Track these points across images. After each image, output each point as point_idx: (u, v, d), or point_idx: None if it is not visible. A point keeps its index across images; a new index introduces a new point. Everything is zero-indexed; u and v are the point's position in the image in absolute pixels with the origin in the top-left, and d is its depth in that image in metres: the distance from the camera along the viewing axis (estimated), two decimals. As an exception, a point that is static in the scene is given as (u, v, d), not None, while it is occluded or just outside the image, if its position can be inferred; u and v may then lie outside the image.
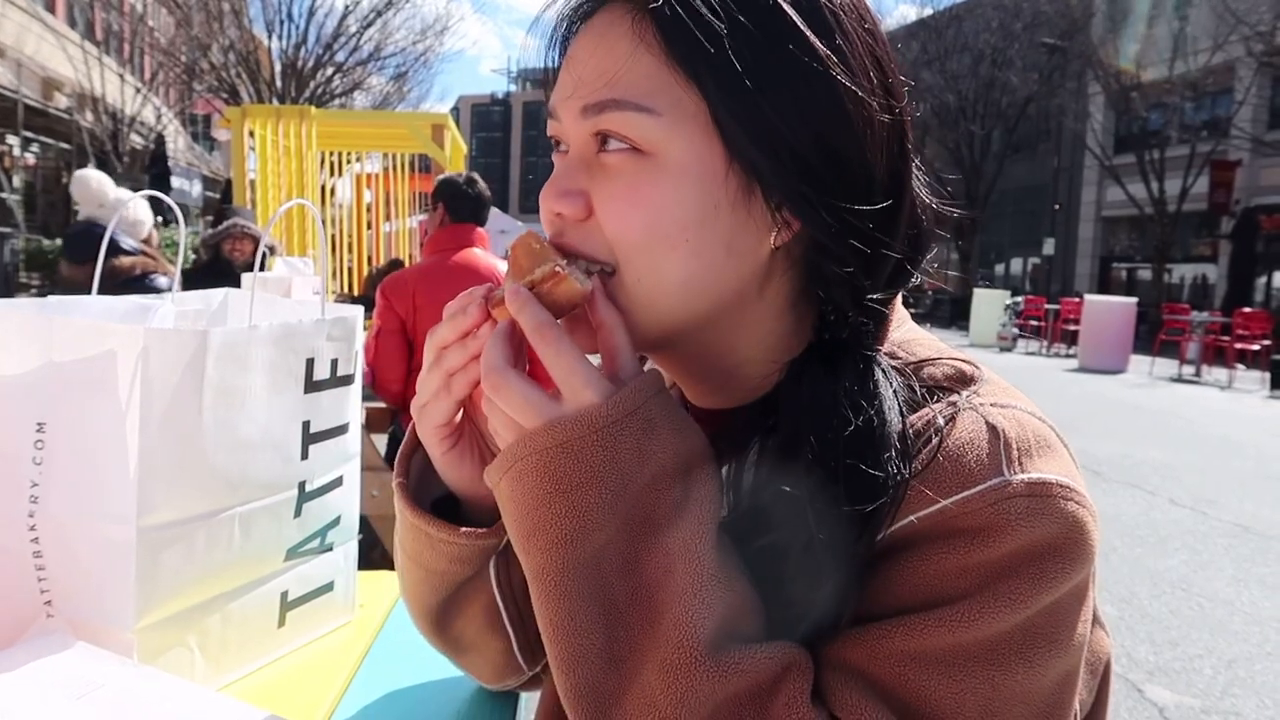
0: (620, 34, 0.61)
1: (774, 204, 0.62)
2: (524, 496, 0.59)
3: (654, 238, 0.62)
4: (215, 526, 0.91)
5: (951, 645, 0.56)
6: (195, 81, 23.11)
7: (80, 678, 0.73)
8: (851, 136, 0.61)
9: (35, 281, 15.79)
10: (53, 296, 1.01)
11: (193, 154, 28.12)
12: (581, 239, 0.65)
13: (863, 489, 0.58)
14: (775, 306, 0.67)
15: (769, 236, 0.63)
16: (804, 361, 0.65)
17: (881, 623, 0.58)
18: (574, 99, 0.63)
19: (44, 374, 0.84)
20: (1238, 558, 5.24)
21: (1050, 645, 0.58)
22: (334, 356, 1.02)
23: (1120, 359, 16.07)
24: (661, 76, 0.60)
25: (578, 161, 0.65)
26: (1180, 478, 7.15)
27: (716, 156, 0.61)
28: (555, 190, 0.65)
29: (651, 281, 0.63)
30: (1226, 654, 3.87)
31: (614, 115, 0.61)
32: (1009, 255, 36.57)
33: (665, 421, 0.60)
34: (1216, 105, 24.24)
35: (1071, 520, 0.58)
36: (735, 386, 0.71)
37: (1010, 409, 0.62)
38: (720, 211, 0.61)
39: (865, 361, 0.64)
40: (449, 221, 3.55)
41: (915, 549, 0.58)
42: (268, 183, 7.53)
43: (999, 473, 0.58)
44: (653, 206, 0.61)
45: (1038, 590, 0.57)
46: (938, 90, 28.40)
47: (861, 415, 0.60)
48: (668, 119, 0.60)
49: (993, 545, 0.57)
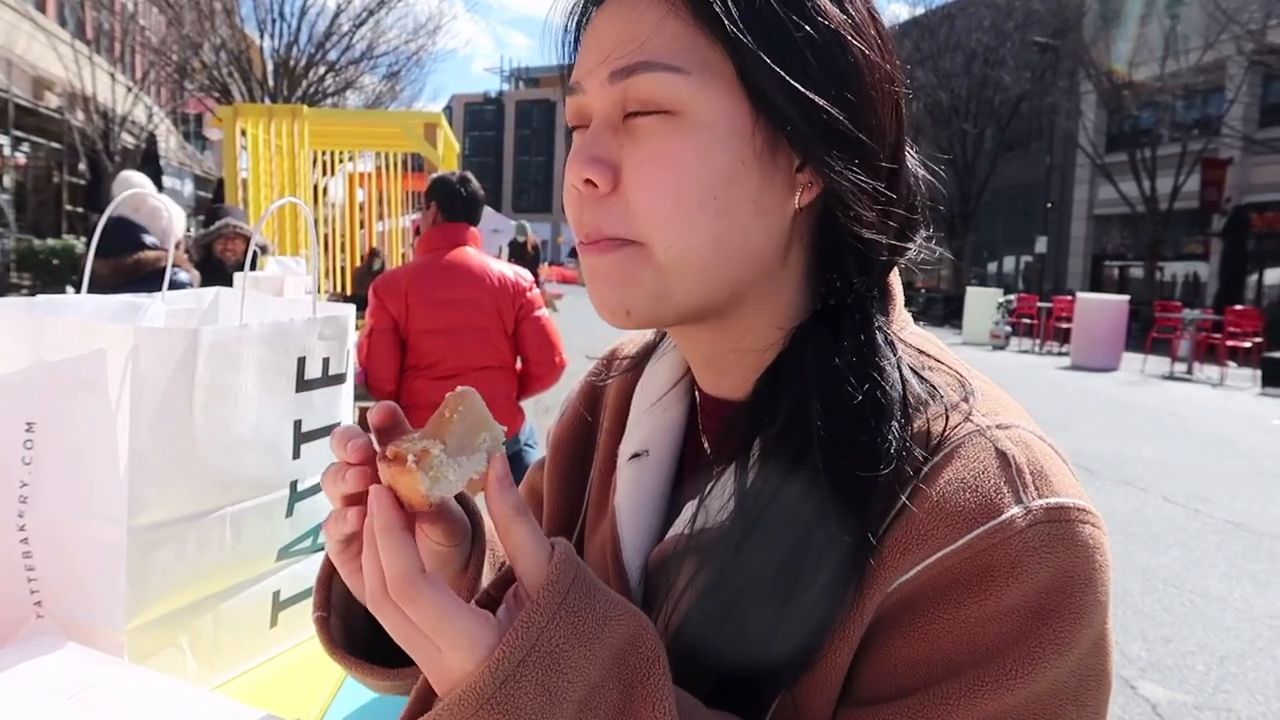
0: (646, 2, 0.63)
1: (797, 162, 0.63)
2: None
3: (684, 199, 0.62)
4: (207, 526, 0.91)
5: (1010, 707, 0.56)
6: (187, 81, 23.01)
7: (72, 678, 0.73)
8: (866, 98, 0.63)
9: (26, 282, 15.73)
10: (43, 296, 1.00)
11: (185, 153, 28.02)
12: (604, 215, 0.64)
13: (868, 456, 0.58)
14: (795, 275, 0.68)
15: (794, 196, 0.64)
16: (808, 327, 0.66)
17: (933, 691, 0.56)
18: (602, 67, 0.64)
19: (33, 373, 0.83)
20: (1230, 554, 5.26)
21: (1098, 683, 0.58)
22: (326, 355, 1.01)
23: (1113, 357, 16.11)
24: (690, 38, 0.61)
25: (605, 128, 0.64)
26: (1172, 475, 7.18)
27: (742, 112, 0.62)
28: (585, 156, 0.64)
29: (682, 246, 0.63)
30: (1219, 650, 3.88)
31: (644, 77, 0.62)
32: (1002, 254, 36.64)
33: (573, 642, 0.52)
34: (1208, 103, 24.31)
35: (1092, 544, 0.58)
36: (746, 365, 0.70)
37: (1013, 429, 0.62)
38: (748, 168, 0.62)
39: (869, 329, 0.65)
40: (442, 220, 3.53)
41: (946, 596, 0.57)
42: (260, 182, 7.51)
43: (1018, 501, 0.57)
44: (682, 165, 0.61)
45: (1079, 626, 0.56)
46: (930, 89, 28.44)
47: (866, 383, 0.61)
48: (696, 78, 0.61)
49: (1025, 579, 0.56)
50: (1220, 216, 23.65)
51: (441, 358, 3.35)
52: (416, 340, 3.36)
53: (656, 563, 0.70)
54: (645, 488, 0.76)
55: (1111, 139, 26.85)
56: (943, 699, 0.56)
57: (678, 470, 0.77)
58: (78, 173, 19.34)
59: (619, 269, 0.64)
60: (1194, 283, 26.36)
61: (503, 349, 3.42)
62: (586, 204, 0.65)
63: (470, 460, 0.55)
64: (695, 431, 0.78)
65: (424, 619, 0.52)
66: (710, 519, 0.65)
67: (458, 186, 3.55)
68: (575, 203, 0.66)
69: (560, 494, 0.86)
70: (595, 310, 0.68)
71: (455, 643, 0.51)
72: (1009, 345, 19.99)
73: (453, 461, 0.54)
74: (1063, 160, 31.12)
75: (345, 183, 10.72)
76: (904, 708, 0.57)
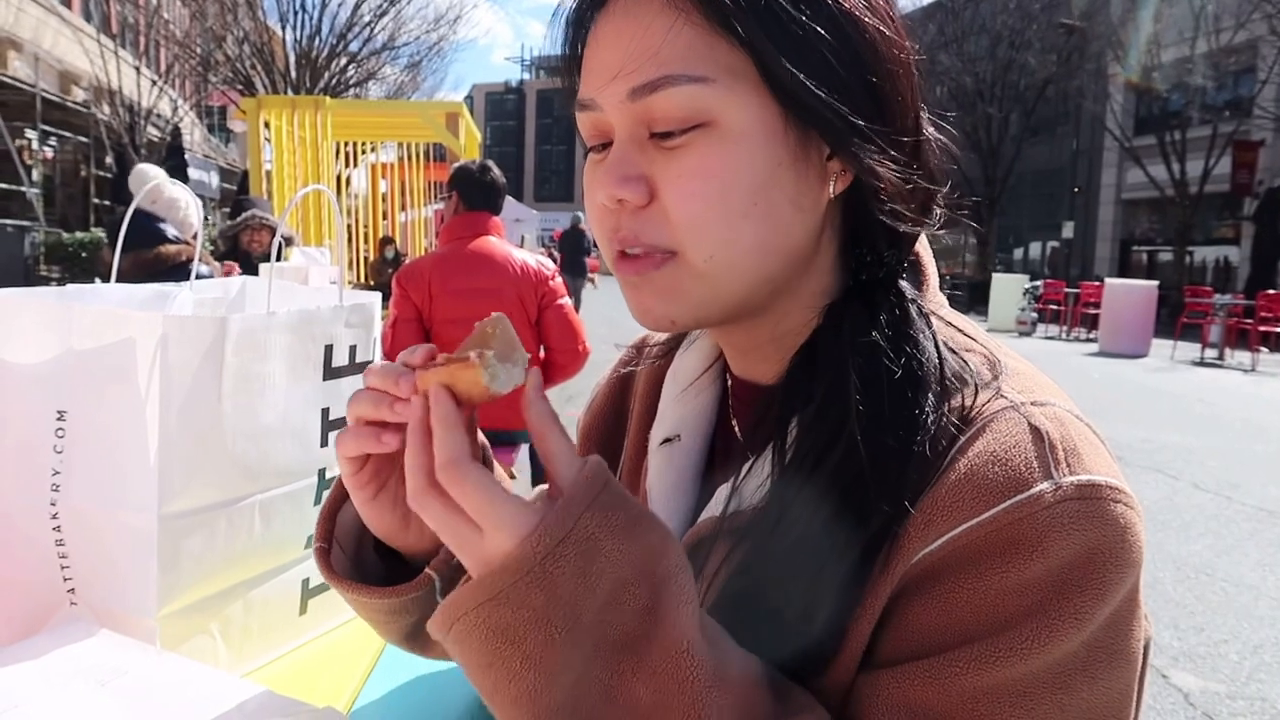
0: (652, 10, 0.60)
1: (828, 152, 0.63)
2: (472, 658, 0.55)
3: (727, 207, 0.61)
4: (236, 514, 0.91)
5: (1022, 674, 0.55)
6: (210, 73, 23.18)
7: (104, 665, 0.73)
8: (887, 74, 0.63)
9: (55, 274, 15.93)
10: (71, 285, 1.01)
11: (209, 146, 28.26)
12: (640, 226, 0.63)
13: (907, 427, 0.58)
14: (828, 259, 0.68)
15: (828, 187, 0.64)
16: (842, 304, 0.66)
17: (949, 656, 0.56)
18: (618, 83, 0.62)
19: (63, 362, 0.84)
20: (1262, 542, 5.18)
21: (1111, 658, 0.57)
22: (352, 343, 1.01)
23: (1141, 343, 15.91)
24: (705, 43, 0.60)
25: (631, 144, 0.63)
26: (1203, 462, 7.08)
27: (772, 114, 0.61)
28: (615, 177, 0.62)
29: (725, 255, 0.62)
30: (1252, 639, 3.83)
31: (668, 92, 0.60)
32: (1028, 239, 36.27)
33: (609, 533, 0.54)
34: (1239, 85, 23.90)
35: (1123, 523, 0.57)
36: (783, 349, 0.70)
37: (1049, 407, 0.61)
38: (784, 169, 0.62)
39: (902, 299, 0.65)
40: (463, 209, 3.54)
41: (971, 567, 0.57)
42: (283, 173, 7.56)
43: (1048, 476, 0.57)
44: (724, 177, 0.61)
45: (1099, 602, 0.56)
46: (955, 73, 28.13)
47: (902, 354, 0.61)
48: (721, 84, 0.60)
49: (1050, 554, 0.55)
50: (1252, 200, 23.26)
51: (465, 347, 3.36)
52: (440, 329, 3.37)
53: (690, 546, 0.69)
54: (677, 472, 0.75)
55: (1140, 122, 26.48)
56: (952, 662, 0.56)
57: (709, 455, 0.77)
58: (104, 166, 19.53)
59: (663, 283, 0.64)
60: (1225, 267, 25.98)
61: (525, 338, 3.43)
62: (622, 215, 0.64)
63: (510, 368, 0.58)
64: (726, 416, 0.77)
65: (472, 500, 0.54)
66: (744, 502, 0.65)
67: (479, 175, 3.55)
68: (607, 216, 0.65)
69: None
70: (635, 319, 0.68)
71: (500, 524, 0.53)
72: (1035, 332, 19.80)
73: (502, 366, 0.58)
74: (1090, 144, 30.75)
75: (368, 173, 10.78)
76: (913, 670, 0.57)
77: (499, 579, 0.53)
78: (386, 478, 0.68)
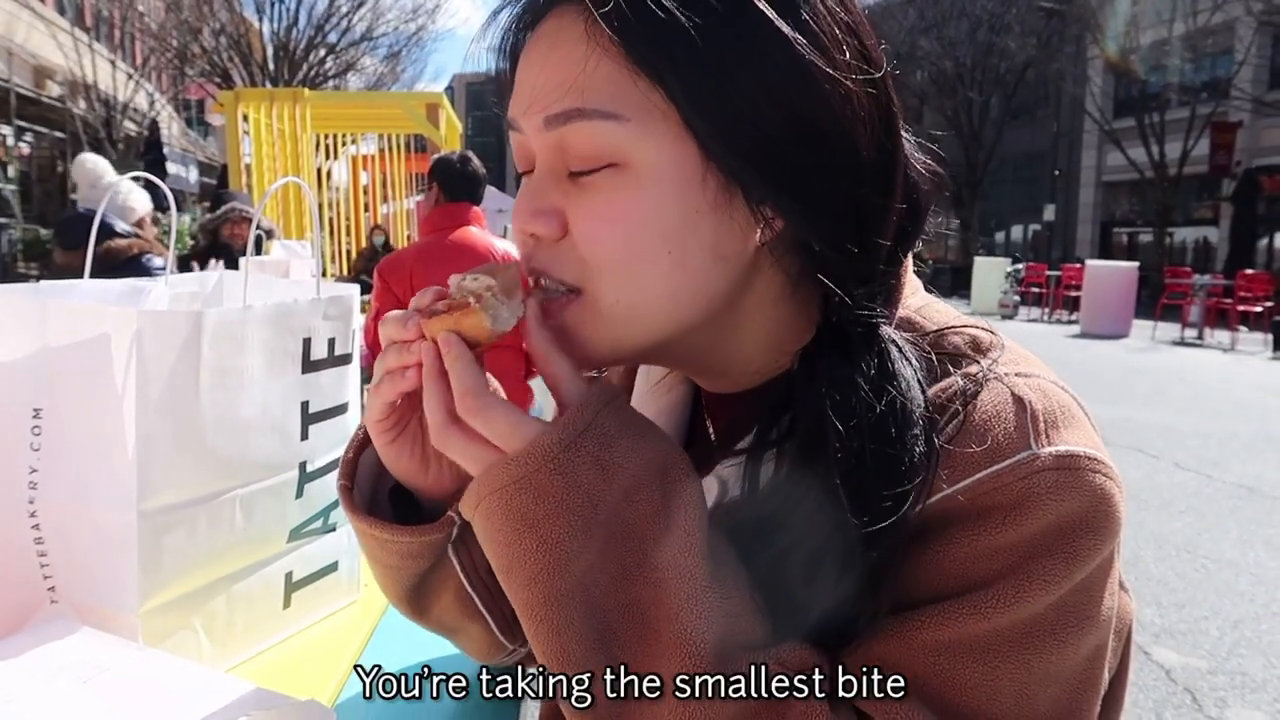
0: (574, 38, 0.58)
1: (755, 202, 0.59)
2: (493, 534, 0.58)
3: (634, 253, 0.59)
4: (217, 509, 0.91)
5: (986, 632, 0.56)
6: (187, 66, 22.97)
7: (86, 662, 0.73)
8: (831, 117, 0.58)
9: (34, 271, 15.75)
10: (45, 281, 1.00)
11: (187, 140, 27.98)
12: (550, 259, 0.62)
13: (893, 471, 0.56)
14: (769, 297, 0.65)
15: (755, 234, 0.60)
16: (816, 348, 0.62)
17: (914, 613, 0.57)
18: (534, 111, 0.60)
19: (39, 359, 0.83)
20: (1243, 519, 5.24)
21: (1081, 622, 0.57)
22: (331, 336, 1.01)
23: (1122, 324, 16.03)
24: (623, 79, 0.57)
25: (548, 176, 0.61)
26: (1184, 441, 7.15)
27: (692, 159, 0.57)
28: (528, 210, 0.61)
29: (632, 299, 0.60)
30: (1232, 615, 3.88)
31: (579, 125, 0.58)
32: (1009, 222, 36.40)
33: (623, 432, 0.57)
34: (1216, 66, 24.02)
35: (1100, 493, 0.57)
36: (740, 372, 0.69)
37: (1034, 378, 0.61)
38: (702, 217, 0.58)
39: (879, 340, 0.61)
40: (444, 201, 3.52)
41: (944, 530, 0.57)
42: (263, 167, 7.50)
43: (1026, 446, 0.57)
44: (631, 221, 0.58)
45: (1069, 568, 0.56)
46: (935, 57, 28.16)
47: (885, 398, 0.58)
48: (636, 124, 0.57)
49: (1023, 523, 0.56)
50: (1230, 180, 23.45)
51: (449, 338, 3.34)
52: (423, 321, 3.35)
53: None
54: None
55: (1119, 104, 26.61)
56: (916, 617, 0.57)
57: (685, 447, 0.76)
58: (81, 162, 19.29)
59: (568, 325, 0.62)
60: (1204, 248, 26.17)
61: (510, 328, 3.42)
62: (536, 247, 0.63)
63: (513, 304, 0.60)
64: (699, 412, 0.77)
65: (496, 426, 0.57)
66: (725, 493, 0.65)
67: (459, 166, 3.54)
68: (524, 245, 0.64)
69: None
70: None
71: (526, 438, 0.56)
72: (1018, 314, 19.91)
73: (503, 302, 0.60)
74: (1070, 127, 30.86)
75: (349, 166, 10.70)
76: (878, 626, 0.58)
77: (523, 463, 0.56)
78: (408, 420, 0.69)
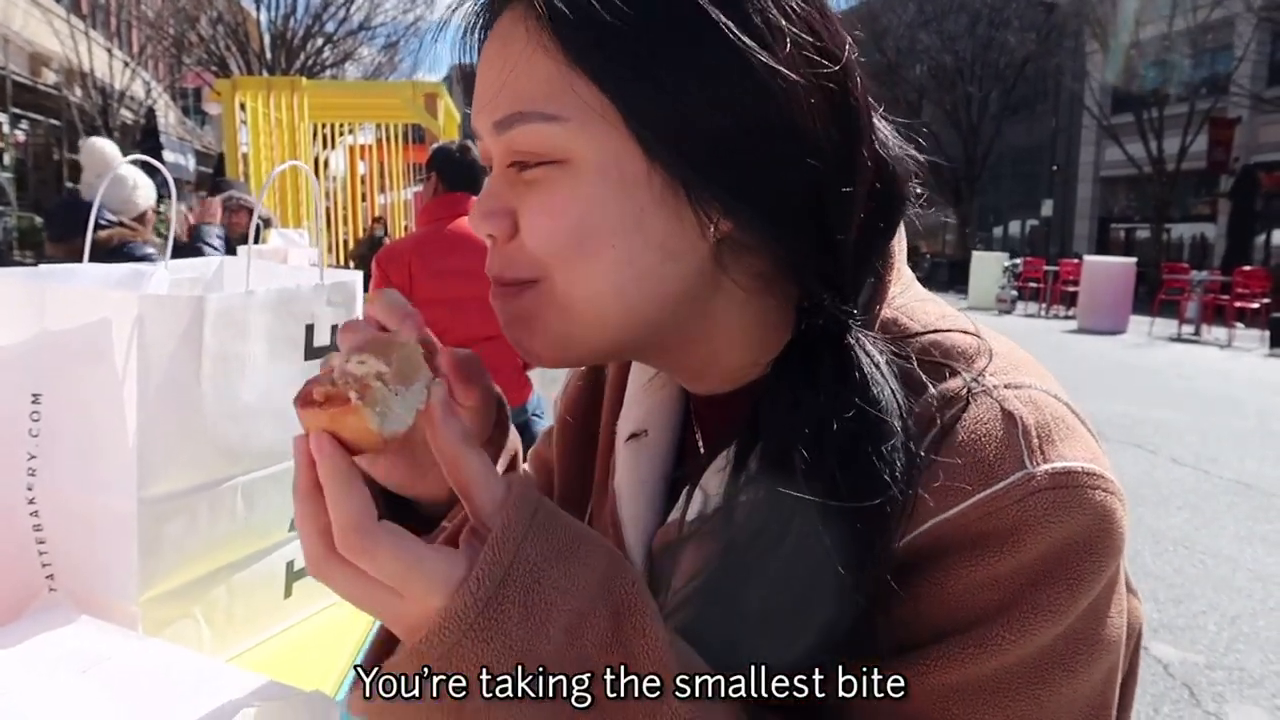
0: (516, 40, 0.57)
1: (698, 201, 0.57)
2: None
3: (580, 250, 0.57)
4: (218, 497, 0.90)
5: (994, 670, 0.53)
6: (184, 54, 22.86)
7: (85, 651, 0.72)
8: (779, 113, 0.55)
9: (29, 259, 15.71)
10: (44, 265, 0.98)
11: (184, 128, 27.88)
12: (507, 261, 0.61)
13: (868, 491, 0.53)
14: (737, 297, 0.62)
15: (707, 232, 0.58)
16: (783, 361, 0.59)
17: (919, 654, 0.54)
18: (484, 114, 0.60)
19: (38, 343, 0.82)
20: (1240, 515, 5.25)
21: (1090, 648, 0.55)
22: (334, 322, 1.00)
23: (1120, 319, 16.04)
24: (563, 79, 0.56)
25: (500, 178, 0.61)
26: (1181, 437, 7.16)
27: (635, 158, 0.56)
28: (481, 210, 0.61)
29: (579, 292, 0.59)
30: (1230, 610, 3.89)
31: (522, 129, 0.57)
32: (1007, 217, 36.39)
33: (552, 560, 0.48)
34: (1216, 62, 24.02)
35: (1100, 510, 0.54)
36: (720, 374, 0.66)
37: (1024, 389, 0.57)
38: (647, 215, 0.57)
39: (850, 350, 0.58)
40: (443, 190, 3.50)
41: (939, 561, 0.54)
42: (260, 155, 7.47)
43: (1020, 465, 0.54)
44: (571, 217, 0.57)
45: (1074, 595, 0.53)
46: (934, 51, 28.17)
47: (852, 412, 0.55)
48: (575, 123, 0.56)
49: (1022, 549, 0.53)
50: (1228, 177, 23.46)
51: (447, 328, 3.33)
52: (421, 311, 3.33)
53: (660, 548, 0.67)
54: (645, 470, 0.72)
55: (1118, 100, 26.56)
56: (922, 659, 0.54)
57: (678, 451, 0.74)
58: (78, 149, 19.25)
59: (524, 311, 0.61)
60: (1201, 244, 26.20)
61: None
62: (494, 251, 0.62)
63: (412, 392, 0.50)
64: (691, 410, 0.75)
65: (386, 569, 0.47)
66: (708, 505, 0.62)
67: (458, 156, 3.51)
68: (489, 247, 0.63)
69: (569, 474, 0.83)
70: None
71: (427, 587, 0.47)
72: (1015, 310, 19.92)
73: (396, 393, 0.49)
74: (1068, 122, 30.85)
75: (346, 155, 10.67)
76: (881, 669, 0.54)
77: (438, 641, 0.46)
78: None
